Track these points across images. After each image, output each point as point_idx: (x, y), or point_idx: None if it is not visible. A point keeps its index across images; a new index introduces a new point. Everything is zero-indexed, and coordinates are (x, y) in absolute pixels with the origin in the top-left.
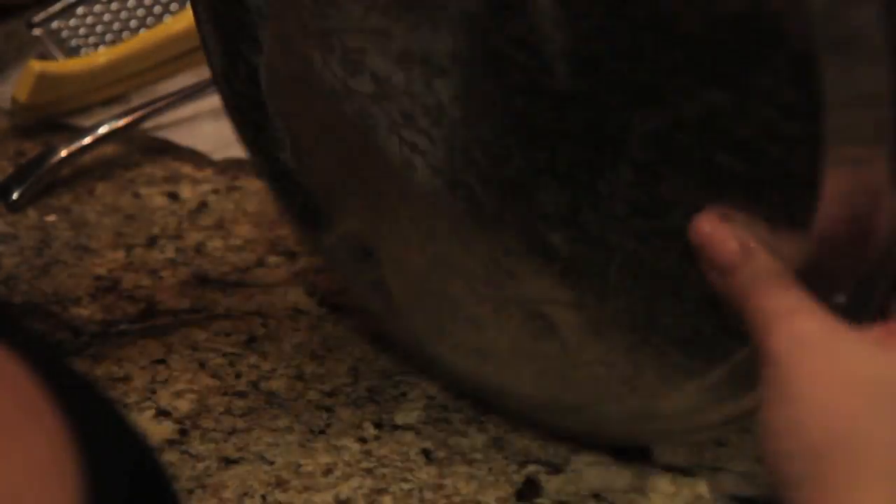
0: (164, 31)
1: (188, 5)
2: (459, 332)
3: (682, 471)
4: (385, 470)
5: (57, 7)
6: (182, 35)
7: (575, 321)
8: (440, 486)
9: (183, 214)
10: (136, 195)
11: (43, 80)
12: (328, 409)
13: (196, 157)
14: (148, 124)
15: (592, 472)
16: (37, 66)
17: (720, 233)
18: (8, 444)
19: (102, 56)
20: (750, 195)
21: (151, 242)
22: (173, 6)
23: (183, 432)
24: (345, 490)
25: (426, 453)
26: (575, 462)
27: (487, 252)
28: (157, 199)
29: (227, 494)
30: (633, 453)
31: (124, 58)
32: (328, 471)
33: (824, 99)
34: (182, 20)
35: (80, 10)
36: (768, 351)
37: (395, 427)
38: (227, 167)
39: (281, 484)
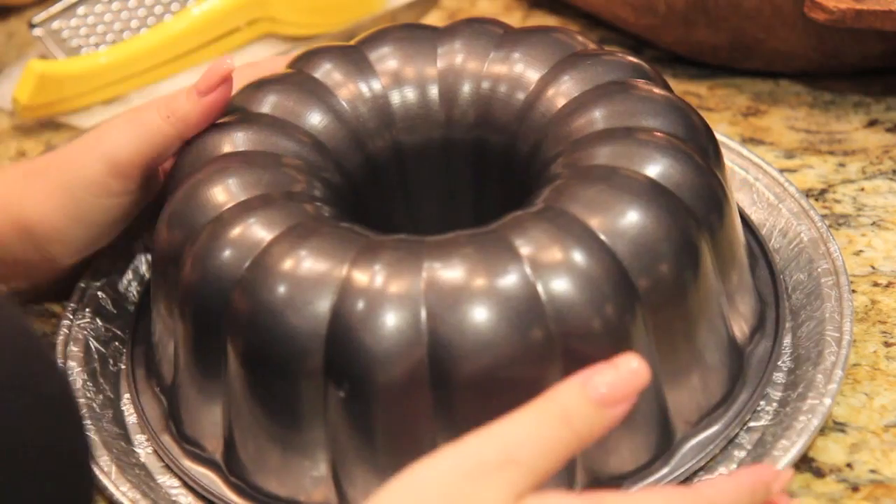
0: (166, 30)
1: (189, 4)
2: None
3: None
4: None
5: (58, 7)
6: (183, 35)
7: None
8: None
9: None
10: None
11: (44, 80)
12: None
13: None
14: None
15: None
16: (38, 66)
17: None
18: None
19: (103, 56)
20: None
21: None
22: (174, 6)
23: None
24: None
25: None
26: None
27: None
28: None
29: None
30: None
31: (125, 58)
32: None
33: None
34: (183, 20)
35: (81, 10)
36: None
37: None
38: None
39: None
